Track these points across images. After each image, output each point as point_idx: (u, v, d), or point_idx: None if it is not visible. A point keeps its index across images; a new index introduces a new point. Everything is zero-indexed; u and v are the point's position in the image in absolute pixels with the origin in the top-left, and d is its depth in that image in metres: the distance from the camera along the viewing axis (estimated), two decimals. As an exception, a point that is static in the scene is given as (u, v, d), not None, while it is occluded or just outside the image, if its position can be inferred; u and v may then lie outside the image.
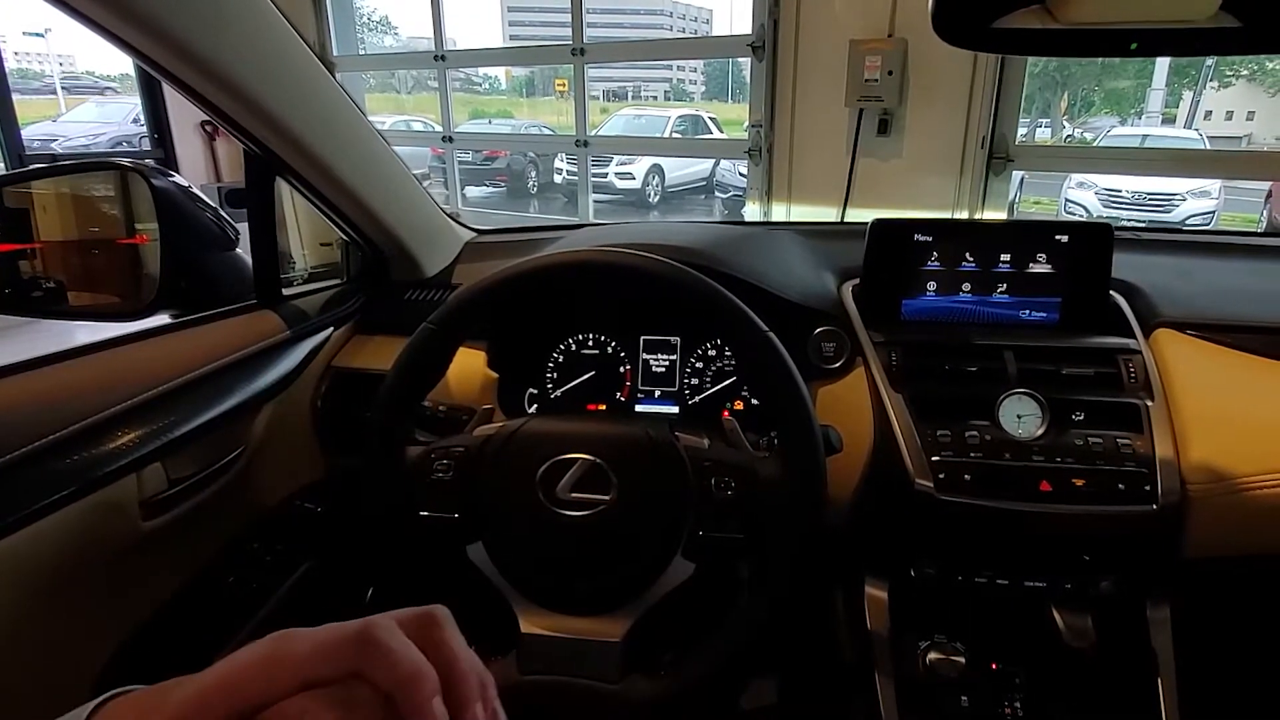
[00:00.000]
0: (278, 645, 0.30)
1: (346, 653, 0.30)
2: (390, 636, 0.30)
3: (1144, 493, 0.78)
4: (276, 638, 0.30)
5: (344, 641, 0.30)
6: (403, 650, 0.30)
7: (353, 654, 0.30)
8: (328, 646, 0.30)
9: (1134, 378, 0.86)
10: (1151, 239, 1.16)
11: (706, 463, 0.70)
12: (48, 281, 0.94)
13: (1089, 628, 0.82)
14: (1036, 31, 0.55)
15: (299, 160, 0.87)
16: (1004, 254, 0.94)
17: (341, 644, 0.30)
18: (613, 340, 1.05)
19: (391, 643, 0.30)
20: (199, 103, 0.76)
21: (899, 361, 0.90)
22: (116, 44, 0.67)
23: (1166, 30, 0.55)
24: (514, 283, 0.71)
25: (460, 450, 0.73)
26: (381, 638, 0.30)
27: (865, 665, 0.88)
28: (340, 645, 0.30)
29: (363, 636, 0.30)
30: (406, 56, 8.33)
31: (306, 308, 1.00)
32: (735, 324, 0.68)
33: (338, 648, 0.30)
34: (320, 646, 0.30)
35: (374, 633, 0.30)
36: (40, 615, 0.67)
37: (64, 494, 0.65)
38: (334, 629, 0.31)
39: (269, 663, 0.30)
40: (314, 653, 0.30)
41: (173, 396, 0.78)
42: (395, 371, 0.71)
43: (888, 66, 3.39)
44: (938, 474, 0.81)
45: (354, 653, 0.30)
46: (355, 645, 0.30)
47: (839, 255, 1.05)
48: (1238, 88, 15.37)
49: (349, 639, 0.30)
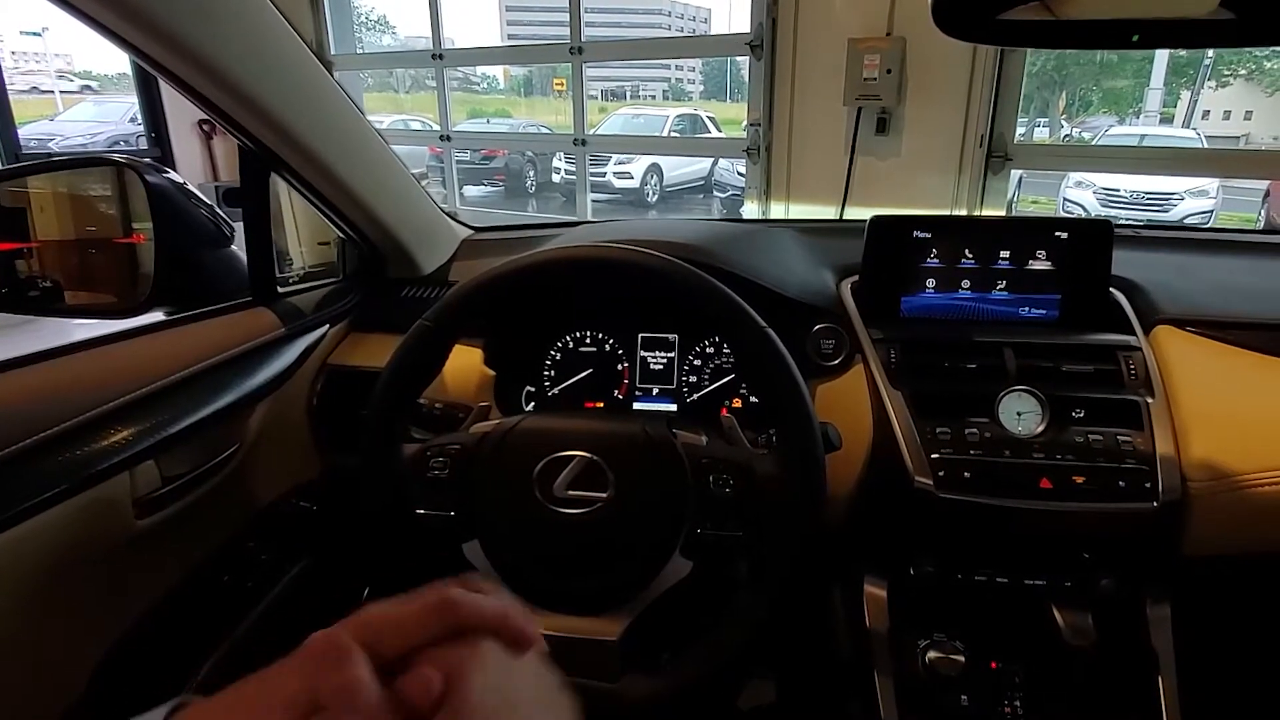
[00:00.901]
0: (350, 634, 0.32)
1: (440, 620, 0.33)
2: (466, 595, 0.34)
3: (1144, 490, 0.78)
4: (348, 632, 0.32)
5: (430, 612, 0.33)
6: (481, 600, 0.34)
7: (450, 620, 0.33)
8: (413, 622, 0.33)
9: (1134, 374, 0.85)
10: (1151, 236, 1.15)
11: (705, 460, 0.69)
12: (44, 280, 0.94)
13: (1089, 626, 0.81)
14: (1036, 23, 0.55)
15: (295, 156, 0.87)
16: (1003, 251, 0.93)
17: (427, 615, 0.33)
18: (610, 338, 1.05)
19: (472, 599, 0.34)
20: (195, 99, 0.75)
21: (898, 359, 0.89)
22: (114, 40, 0.67)
23: (1165, 23, 0.55)
24: (511, 279, 0.71)
25: (456, 448, 0.72)
26: (462, 597, 0.34)
27: (864, 664, 0.87)
28: (427, 616, 0.33)
29: (451, 603, 0.33)
30: (404, 55, 8.32)
31: (302, 305, 1.00)
32: (734, 321, 0.67)
33: (424, 618, 0.33)
34: (404, 623, 0.33)
35: (458, 597, 0.34)
36: (33, 614, 0.66)
37: (56, 491, 0.64)
38: (409, 602, 0.34)
39: (365, 631, 0.32)
40: (399, 629, 0.32)
41: (167, 394, 0.77)
42: (391, 369, 0.71)
43: (886, 65, 3.39)
44: (937, 471, 0.81)
45: (451, 618, 0.33)
46: (448, 611, 0.33)
47: (838, 253, 1.04)
48: (1235, 87, 15.39)
49: (437, 609, 0.33)
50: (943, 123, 3.49)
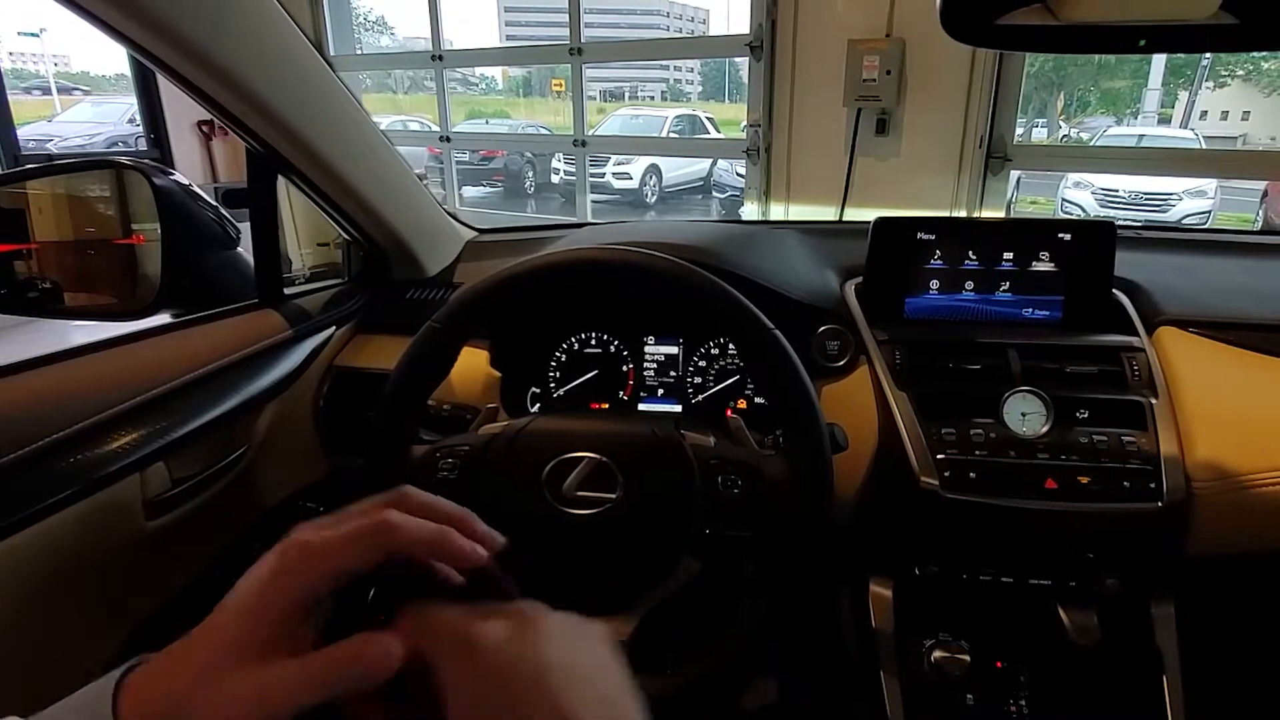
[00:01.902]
0: (293, 546, 0.34)
1: (374, 542, 0.34)
2: (401, 516, 0.35)
3: (1149, 490, 0.78)
4: (290, 546, 0.34)
5: (366, 532, 0.34)
6: (415, 523, 0.35)
7: (382, 543, 0.34)
8: (347, 540, 0.34)
9: (1138, 375, 0.86)
10: (1152, 237, 1.16)
11: (713, 460, 0.70)
12: (44, 282, 0.94)
13: (1094, 625, 0.82)
14: (1041, 28, 0.56)
15: (301, 158, 0.87)
16: (1006, 252, 0.94)
17: (363, 534, 0.34)
18: (615, 339, 1.05)
19: (405, 520, 0.35)
20: (201, 100, 0.75)
21: (903, 360, 0.90)
22: (119, 39, 0.67)
23: (1170, 27, 0.55)
24: (519, 281, 0.71)
25: (465, 449, 0.72)
26: (398, 520, 0.35)
27: (870, 664, 0.88)
28: (361, 536, 0.34)
29: (385, 525, 0.34)
30: (404, 56, 8.32)
31: (308, 307, 1.00)
32: (741, 322, 0.68)
33: (360, 538, 0.34)
34: (336, 541, 0.34)
35: (391, 519, 0.34)
36: (44, 615, 0.66)
37: (67, 494, 0.65)
38: (343, 524, 0.35)
39: (294, 562, 0.34)
40: (334, 547, 0.34)
41: (175, 396, 0.78)
42: (399, 370, 0.71)
43: (886, 66, 3.39)
44: (943, 472, 0.81)
45: (384, 541, 0.34)
46: (382, 533, 0.34)
47: (841, 254, 1.05)
48: (1233, 88, 15.42)
49: (372, 530, 0.34)
50: (942, 124, 3.50)
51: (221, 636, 0.33)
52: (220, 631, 0.34)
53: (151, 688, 0.33)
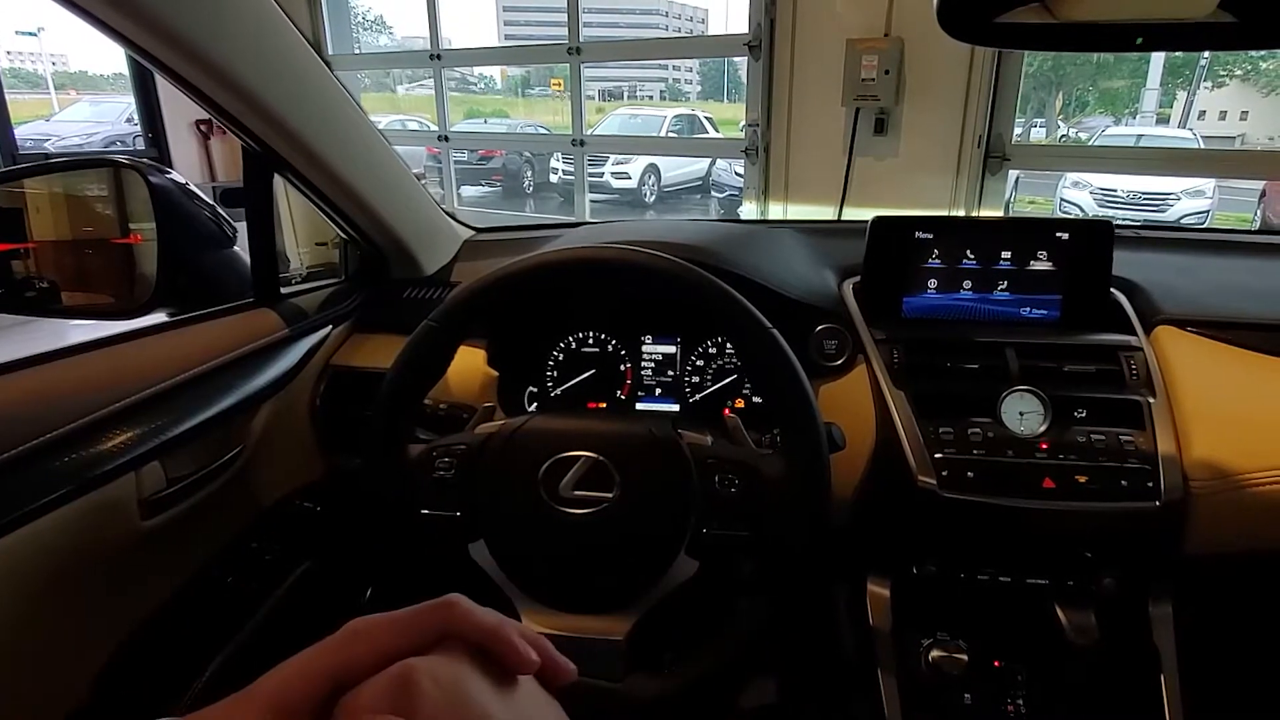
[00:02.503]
0: (353, 625, 0.33)
1: (431, 620, 0.33)
2: (466, 601, 0.34)
3: (1147, 489, 0.78)
4: (350, 624, 0.33)
5: (425, 611, 0.33)
6: (480, 610, 0.34)
7: (440, 619, 0.33)
8: (406, 618, 0.33)
9: (1136, 374, 0.86)
10: (1151, 236, 1.16)
11: (710, 460, 0.69)
12: (41, 281, 0.93)
13: (1092, 625, 0.81)
14: (1039, 26, 0.55)
15: (298, 157, 0.87)
16: (1004, 251, 0.94)
17: (421, 614, 0.33)
18: (613, 339, 1.05)
19: (470, 605, 0.34)
20: (198, 98, 0.75)
21: (901, 359, 0.90)
22: (115, 38, 0.67)
23: (1167, 25, 0.55)
24: (516, 280, 0.71)
25: (462, 448, 0.72)
26: (461, 601, 0.34)
27: (867, 663, 0.88)
28: (420, 615, 0.33)
29: (446, 603, 0.34)
30: (402, 55, 8.32)
31: (305, 306, 1.00)
32: (739, 321, 0.67)
33: (418, 617, 0.33)
34: (397, 620, 0.33)
35: (455, 600, 0.34)
36: (38, 615, 0.66)
37: (62, 493, 0.64)
38: (408, 609, 0.34)
39: (347, 639, 0.32)
40: (392, 625, 0.33)
41: (171, 395, 0.77)
42: (396, 369, 0.71)
43: (884, 66, 3.40)
44: (940, 471, 0.81)
45: (441, 618, 0.33)
46: (441, 611, 0.33)
47: (839, 253, 1.05)
48: (1231, 88, 15.43)
49: (431, 608, 0.33)
50: (941, 123, 3.50)
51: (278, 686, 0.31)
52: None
53: None
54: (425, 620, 0.33)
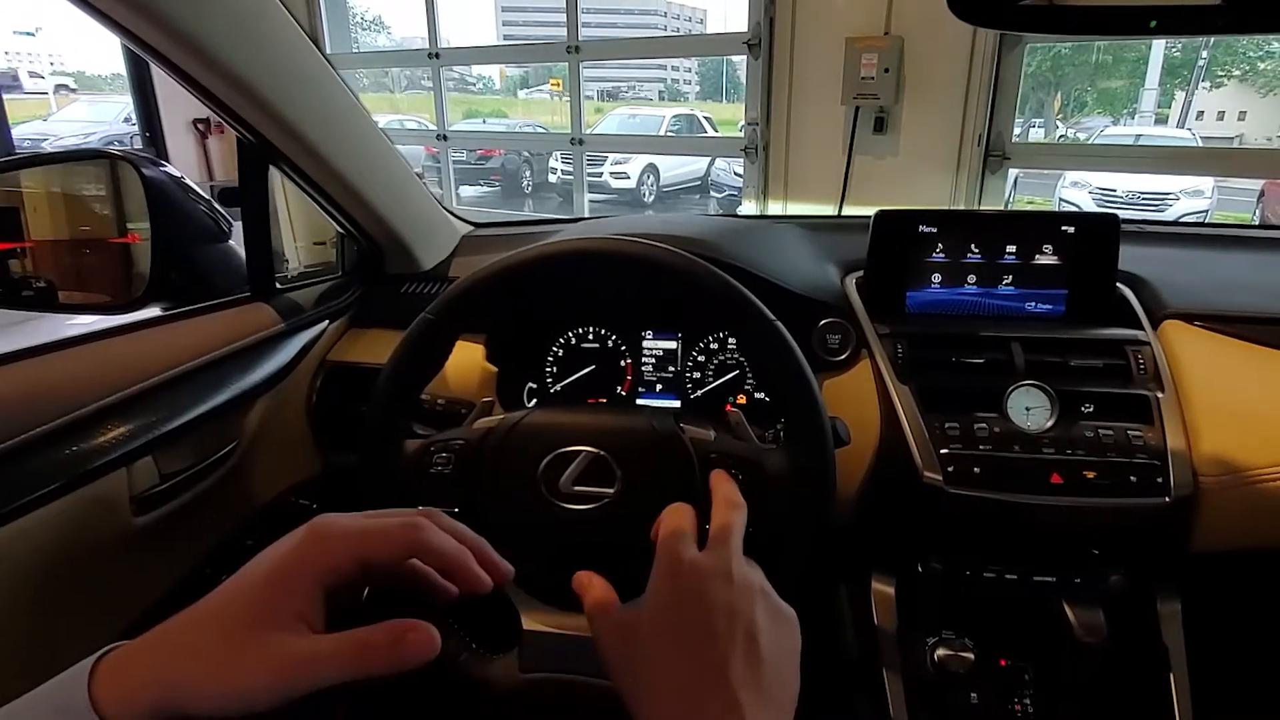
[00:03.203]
0: (319, 529, 0.35)
1: (399, 537, 0.36)
2: (431, 527, 0.38)
3: (1156, 485, 0.77)
4: (316, 526, 0.36)
5: (394, 529, 0.36)
6: (442, 537, 0.38)
7: (407, 541, 0.36)
8: (375, 531, 0.36)
9: (1143, 369, 0.85)
10: (1155, 231, 1.15)
11: (713, 454, 0.68)
12: (38, 281, 0.93)
13: (1100, 622, 0.80)
14: (1048, 8, 0.54)
15: (294, 149, 0.86)
16: (1009, 246, 0.93)
17: (390, 530, 0.36)
18: (613, 334, 1.04)
19: (434, 533, 0.38)
20: (193, 88, 0.74)
21: (905, 353, 0.88)
22: (109, 26, 0.66)
23: (1180, 9, 0.54)
24: (514, 272, 0.69)
25: (460, 444, 0.71)
26: (427, 527, 0.37)
27: (872, 662, 0.87)
28: (389, 531, 0.36)
29: (414, 525, 0.37)
30: (401, 55, 8.32)
31: (301, 300, 0.99)
32: (742, 313, 0.66)
33: (386, 533, 0.36)
34: (367, 531, 0.36)
35: (422, 523, 0.37)
36: (30, 613, 0.65)
37: (53, 488, 0.63)
38: (376, 519, 0.37)
39: (316, 541, 0.35)
40: (361, 535, 0.35)
41: (164, 390, 0.76)
42: (392, 364, 0.70)
43: (884, 64, 3.39)
44: (946, 467, 0.80)
45: (409, 539, 0.36)
46: (410, 532, 0.36)
47: (842, 248, 1.03)
48: (1230, 88, 15.45)
49: (400, 526, 0.36)
50: (940, 122, 3.50)
51: (231, 608, 0.33)
52: (229, 602, 0.34)
53: (134, 669, 0.32)
54: (393, 536, 0.36)
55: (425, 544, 0.37)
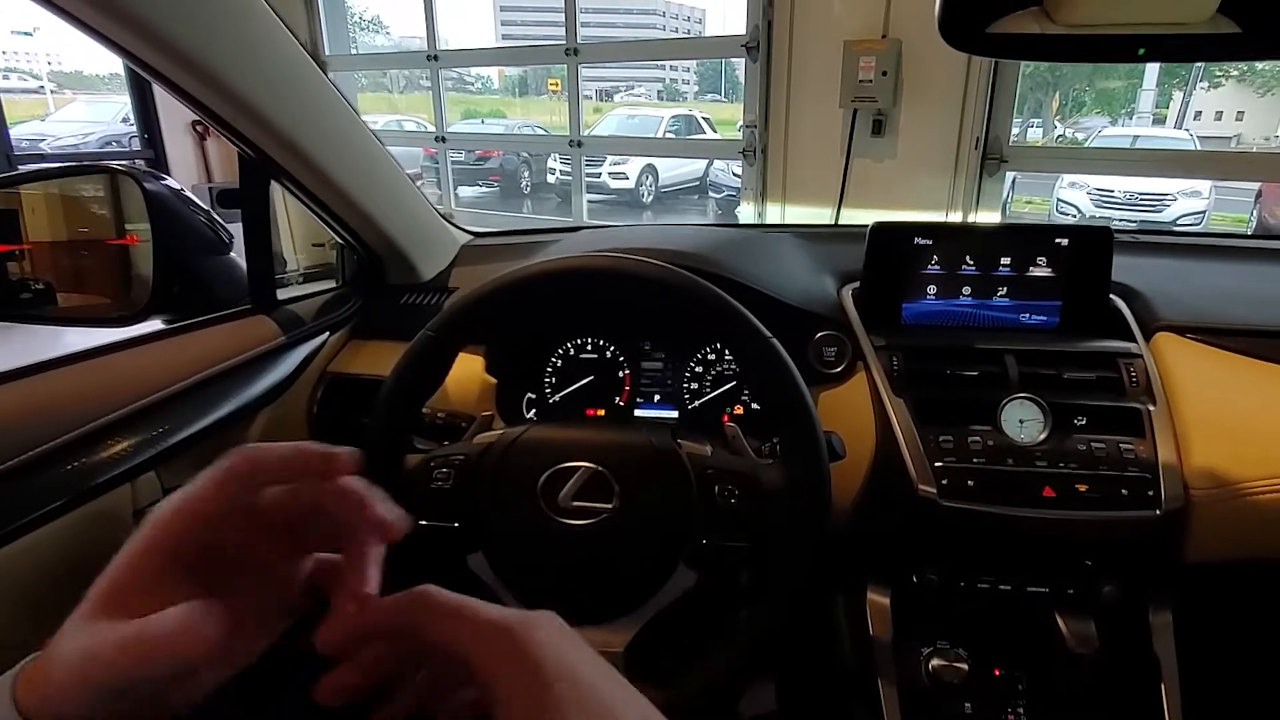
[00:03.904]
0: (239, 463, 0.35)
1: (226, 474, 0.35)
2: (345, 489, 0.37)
3: (1147, 498, 0.78)
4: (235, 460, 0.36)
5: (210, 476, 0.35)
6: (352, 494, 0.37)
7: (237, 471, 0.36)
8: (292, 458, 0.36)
9: (1135, 382, 0.85)
10: (1148, 241, 1.16)
11: (709, 470, 0.69)
12: (36, 283, 0.93)
13: (1092, 633, 0.81)
14: (1040, 37, 0.55)
15: (294, 163, 0.86)
16: (1004, 258, 0.94)
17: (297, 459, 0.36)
18: (611, 345, 1.05)
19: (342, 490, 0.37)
20: (192, 105, 0.75)
21: (900, 366, 0.89)
22: (107, 45, 0.66)
23: (1171, 36, 0.55)
24: (514, 289, 0.70)
25: (460, 458, 0.72)
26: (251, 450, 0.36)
27: (867, 672, 0.87)
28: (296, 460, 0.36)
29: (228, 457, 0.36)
30: (399, 56, 8.31)
31: (302, 312, 0.99)
32: (737, 329, 0.67)
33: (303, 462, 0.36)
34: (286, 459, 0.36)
35: (241, 449, 0.36)
36: (33, 629, 0.65)
37: (57, 505, 0.64)
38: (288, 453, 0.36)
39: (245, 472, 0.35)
40: (280, 462, 0.36)
41: (166, 404, 0.77)
42: (394, 379, 0.70)
43: (882, 67, 3.40)
44: (940, 480, 0.81)
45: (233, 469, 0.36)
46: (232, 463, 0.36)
47: (838, 258, 1.04)
48: (1227, 88, 15.48)
49: (214, 468, 0.36)
50: (938, 125, 3.50)
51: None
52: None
53: (40, 669, 0.33)
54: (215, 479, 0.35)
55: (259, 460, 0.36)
